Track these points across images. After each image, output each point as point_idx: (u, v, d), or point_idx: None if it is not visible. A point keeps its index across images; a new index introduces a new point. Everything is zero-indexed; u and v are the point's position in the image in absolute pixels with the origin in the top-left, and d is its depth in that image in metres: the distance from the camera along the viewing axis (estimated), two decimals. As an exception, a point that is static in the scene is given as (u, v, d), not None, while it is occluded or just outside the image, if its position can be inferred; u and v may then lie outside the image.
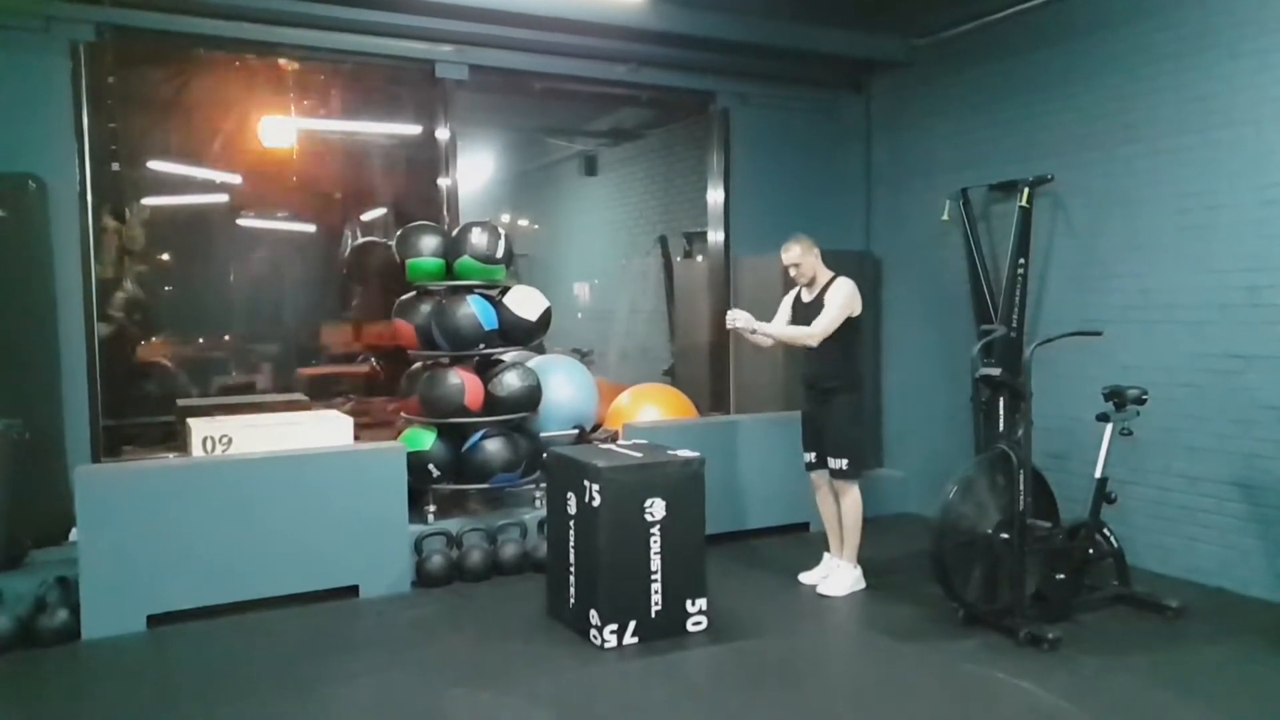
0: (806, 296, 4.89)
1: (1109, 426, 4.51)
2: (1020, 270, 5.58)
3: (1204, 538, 4.88)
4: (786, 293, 5.10)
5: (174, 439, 6.22)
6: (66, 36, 5.01)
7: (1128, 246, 5.23)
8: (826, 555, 5.01)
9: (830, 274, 4.85)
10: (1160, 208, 5.06)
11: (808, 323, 4.77)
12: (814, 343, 4.70)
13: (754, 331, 4.78)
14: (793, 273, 4.85)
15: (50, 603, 4.24)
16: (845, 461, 4.76)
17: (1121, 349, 5.14)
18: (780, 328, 4.84)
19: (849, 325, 4.76)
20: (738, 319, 4.75)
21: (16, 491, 4.48)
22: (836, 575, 4.84)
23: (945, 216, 6.06)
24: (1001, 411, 4.92)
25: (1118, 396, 4.52)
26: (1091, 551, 4.50)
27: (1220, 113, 4.76)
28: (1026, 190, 5.60)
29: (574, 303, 10.62)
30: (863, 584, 4.85)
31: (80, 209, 5.09)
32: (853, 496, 4.82)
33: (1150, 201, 5.11)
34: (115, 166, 5.68)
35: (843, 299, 4.72)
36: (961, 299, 6.11)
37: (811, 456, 4.96)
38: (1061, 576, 4.36)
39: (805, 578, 4.96)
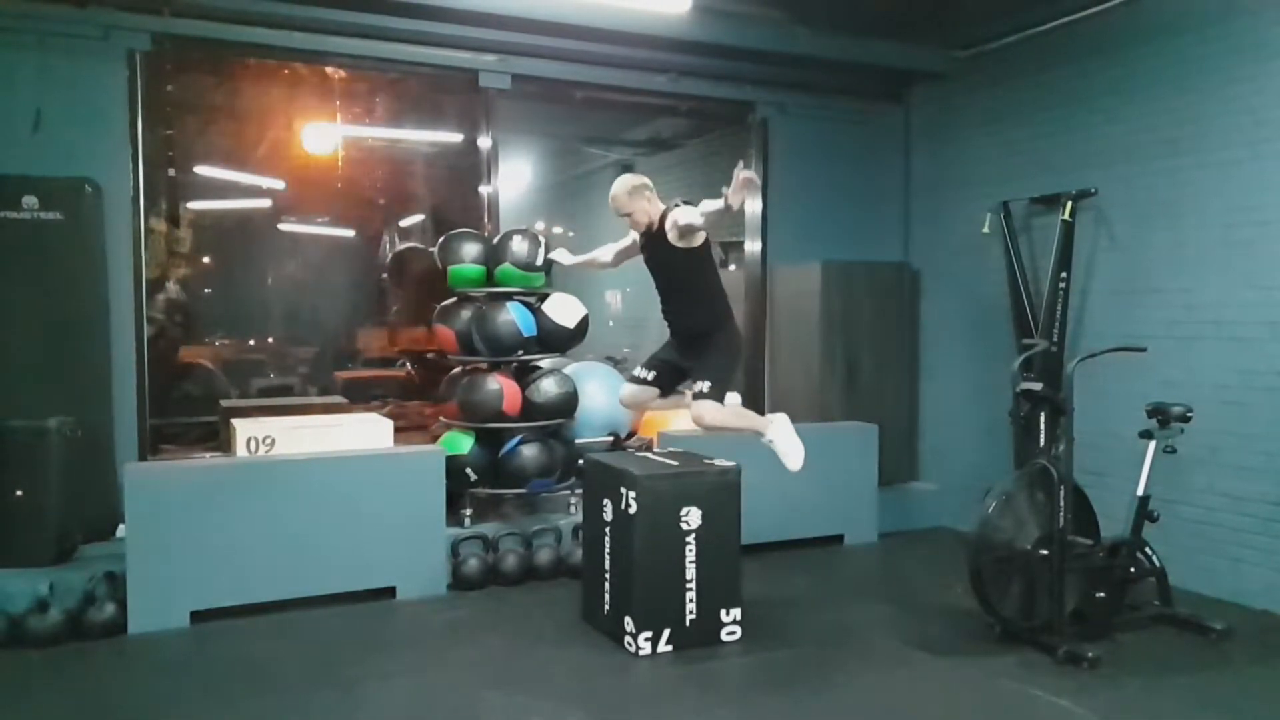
0: (645, 238, 4.28)
1: (1152, 444, 4.45)
2: (1062, 284, 5.53)
3: (1249, 559, 4.79)
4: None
5: (213, 439, 6.34)
6: (124, 45, 5.15)
7: (1172, 261, 5.17)
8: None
9: (661, 207, 4.23)
10: (1206, 222, 4.99)
11: (662, 264, 4.27)
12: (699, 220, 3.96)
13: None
14: (628, 222, 4.27)
15: (98, 597, 4.34)
16: (706, 384, 4.16)
17: (1165, 365, 5.07)
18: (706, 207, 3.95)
19: (704, 262, 4.23)
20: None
21: (68, 487, 4.60)
22: (782, 451, 4.33)
23: (986, 229, 6.02)
24: (1042, 426, 4.87)
25: (1161, 413, 4.47)
26: (1132, 570, 4.44)
27: (1271, 125, 4.69)
28: (1069, 204, 5.55)
29: (607, 311, 10.66)
30: (789, 424, 4.36)
31: (133, 213, 5.23)
32: (716, 414, 4.19)
33: (1196, 215, 5.04)
34: (171, 172, 5.81)
35: (688, 210, 4.03)
36: (1001, 312, 6.06)
37: (649, 375, 4.44)
38: (1101, 595, 4.31)
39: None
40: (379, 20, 5.44)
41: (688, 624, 4.17)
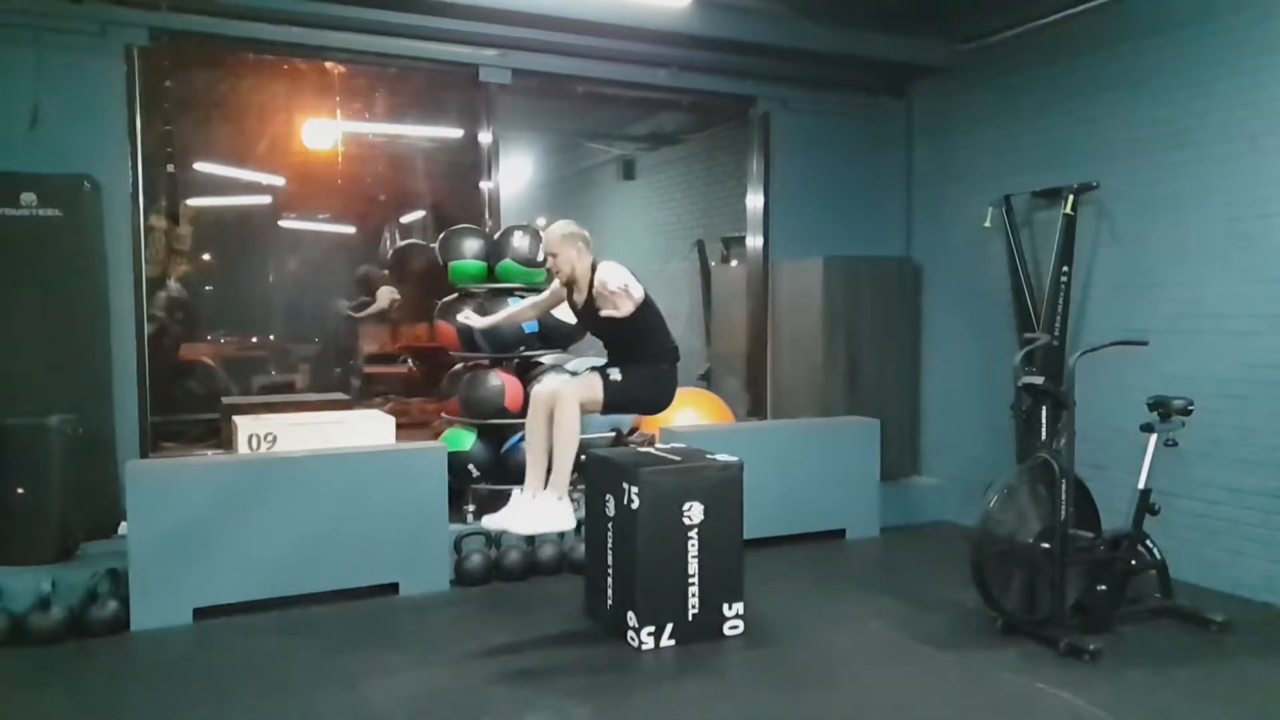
0: (577, 296, 4.10)
1: (1153, 437, 4.44)
2: (1063, 278, 5.53)
3: (1250, 551, 4.80)
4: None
5: (214, 436, 6.34)
6: (121, 40, 5.14)
7: (1175, 255, 5.16)
8: (517, 492, 4.03)
9: (591, 260, 4.03)
10: (1209, 215, 4.98)
11: (597, 325, 4.07)
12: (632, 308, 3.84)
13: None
14: (548, 264, 4.05)
15: (101, 594, 4.35)
16: (619, 378, 3.91)
17: (1167, 359, 5.06)
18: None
19: (639, 321, 3.93)
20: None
21: (69, 485, 4.60)
22: (534, 506, 3.88)
23: (988, 223, 6.02)
24: (1043, 420, 4.87)
25: (1163, 407, 4.46)
26: (1134, 563, 4.44)
27: (1273, 118, 4.68)
28: (1071, 197, 5.54)
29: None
30: (568, 523, 3.95)
31: (132, 210, 5.22)
32: (570, 410, 3.86)
33: (1198, 209, 5.04)
34: (170, 168, 5.81)
35: (620, 275, 3.80)
36: (1003, 306, 6.06)
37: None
38: (1103, 587, 4.31)
39: (488, 520, 4.00)
40: (378, 15, 5.41)
41: (690, 618, 4.18)
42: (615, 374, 3.99)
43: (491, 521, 3.92)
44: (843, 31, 6.18)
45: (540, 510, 3.90)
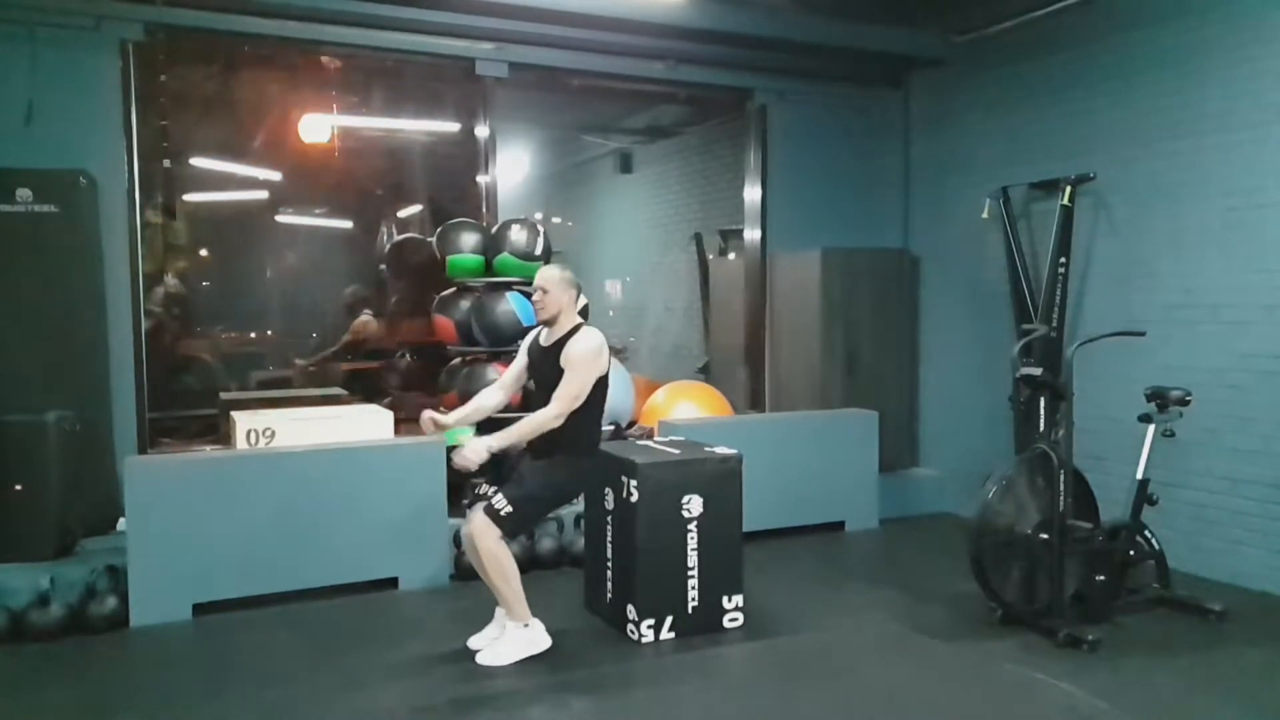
0: (545, 339, 4.07)
1: (1151, 427, 4.46)
2: (1061, 269, 5.53)
3: (1247, 541, 4.81)
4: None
5: (212, 432, 6.33)
6: (116, 35, 5.12)
7: (1172, 245, 5.16)
8: (499, 611, 4.10)
9: (578, 320, 4.01)
10: (1206, 206, 4.99)
11: (543, 373, 4.02)
12: (559, 422, 3.85)
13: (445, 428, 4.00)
14: (535, 297, 4.00)
15: (100, 590, 4.34)
16: (509, 509, 3.82)
17: (1164, 349, 5.07)
18: (514, 431, 3.85)
19: (593, 387, 3.92)
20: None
21: (68, 481, 4.59)
22: (502, 640, 3.99)
23: (985, 215, 6.02)
24: (1041, 411, 4.88)
25: (1160, 397, 4.47)
26: (1132, 553, 4.46)
27: (1271, 108, 4.68)
28: (1068, 188, 5.54)
29: (607, 300, 10.66)
30: (543, 643, 4.00)
31: (129, 205, 5.21)
32: (489, 545, 3.85)
33: (1196, 199, 5.04)
34: (166, 163, 5.78)
35: (589, 358, 3.87)
36: (1001, 298, 6.06)
37: (483, 486, 4.01)
38: (1101, 578, 4.32)
39: (474, 642, 4.07)
40: (374, 9, 5.41)
41: (690, 611, 4.18)
42: (503, 505, 3.84)
43: (479, 654, 3.98)
44: (839, 24, 6.18)
45: (511, 643, 3.96)
